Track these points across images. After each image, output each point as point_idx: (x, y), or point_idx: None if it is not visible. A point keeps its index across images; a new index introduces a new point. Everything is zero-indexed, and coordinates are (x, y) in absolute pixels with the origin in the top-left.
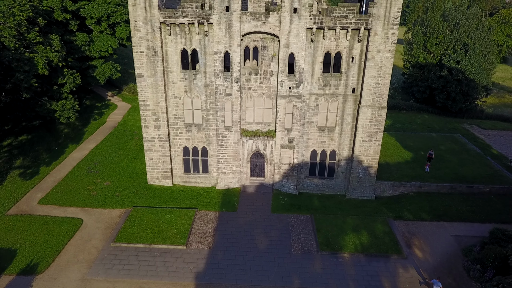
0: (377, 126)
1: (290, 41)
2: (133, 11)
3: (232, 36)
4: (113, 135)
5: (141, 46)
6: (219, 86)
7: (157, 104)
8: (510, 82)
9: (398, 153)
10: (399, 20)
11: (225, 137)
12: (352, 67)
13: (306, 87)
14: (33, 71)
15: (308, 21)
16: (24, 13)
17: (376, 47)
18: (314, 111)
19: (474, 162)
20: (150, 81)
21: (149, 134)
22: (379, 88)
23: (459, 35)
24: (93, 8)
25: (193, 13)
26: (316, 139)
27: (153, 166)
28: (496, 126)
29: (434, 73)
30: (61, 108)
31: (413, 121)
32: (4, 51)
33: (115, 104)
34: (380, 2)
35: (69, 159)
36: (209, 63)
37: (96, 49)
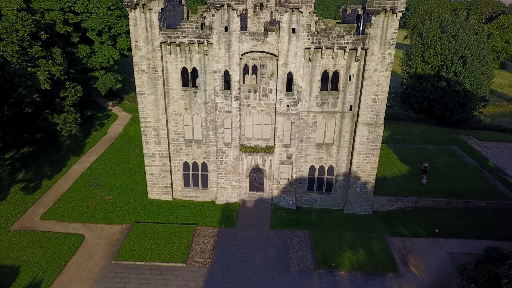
0: (374, 143)
1: (289, 60)
2: (134, 31)
3: (232, 56)
4: (114, 147)
5: (142, 64)
6: (219, 104)
7: (157, 121)
8: (509, 90)
9: (395, 166)
10: (395, 41)
11: (224, 153)
12: (350, 86)
13: (304, 105)
14: (36, 85)
15: (306, 41)
16: (27, 28)
17: (373, 67)
18: (312, 128)
19: (471, 175)
20: (151, 99)
21: (150, 150)
22: (376, 106)
23: (456, 47)
24: (94, 20)
25: (193, 33)
26: (314, 155)
27: (153, 181)
28: (493, 137)
29: (432, 84)
30: (62, 121)
31: (411, 132)
32: (7, 66)
33: (116, 114)
34: (376, 23)
35: (70, 172)
36: (209, 81)
37: (97, 61)
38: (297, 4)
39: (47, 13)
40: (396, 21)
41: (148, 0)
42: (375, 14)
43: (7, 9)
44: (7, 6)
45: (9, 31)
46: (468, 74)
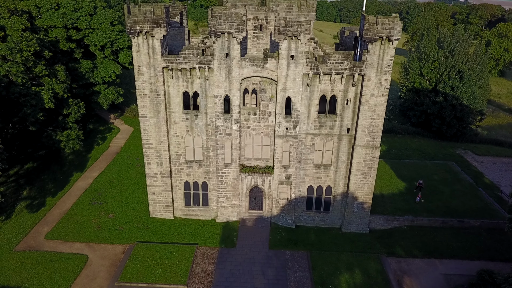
0: (371, 165)
1: (287, 85)
2: (137, 57)
3: (232, 81)
4: (116, 162)
5: (144, 89)
6: (219, 127)
7: (159, 142)
8: (506, 100)
9: (392, 183)
10: (391, 67)
11: (224, 173)
12: (347, 109)
13: (302, 128)
14: (40, 105)
15: (305, 67)
16: (31, 48)
17: (370, 92)
18: (310, 149)
19: (466, 193)
20: (153, 122)
21: (152, 170)
22: (372, 129)
23: (454, 62)
24: (97, 36)
25: (195, 59)
26: (312, 175)
27: (155, 200)
28: (490, 151)
29: (429, 98)
30: (66, 138)
31: (408, 146)
32: (12, 87)
33: (117, 127)
34: (373, 50)
35: (73, 189)
36: (209, 104)
37: (100, 75)
38: (296, 32)
39: (51, 31)
40: (392, 48)
41: (151, 28)
42: (371, 42)
43: (12, 29)
44: (11, 26)
45: (14, 52)
46: (465, 89)
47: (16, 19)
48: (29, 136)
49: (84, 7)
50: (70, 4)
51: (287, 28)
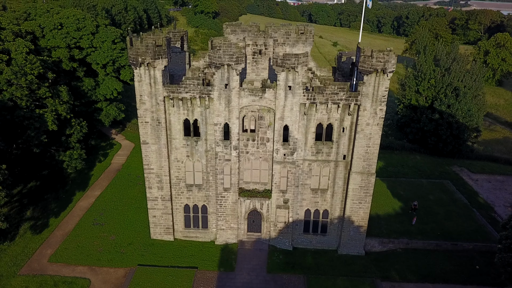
0: (367, 190)
1: (285, 114)
2: (138, 86)
3: (231, 110)
4: (118, 180)
5: (146, 117)
6: (219, 153)
7: (160, 168)
8: (503, 112)
9: (388, 203)
10: (386, 98)
11: (224, 197)
12: (343, 137)
13: (300, 154)
14: (43, 127)
15: (302, 98)
16: (35, 71)
17: (365, 121)
18: (308, 174)
19: (460, 215)
20: (154, 148)
21: (153, 194)
22: (368, 156)
23: (450, 80)
24: (99, 55)
25: (195, 89)
26: (309, 199)
27: (156, 223)
28: (485, 169)
29: (426, 115)
30: (68, 158)
31: (405, 163)
32: (16, 110)
33: (119, 143)
34: (369, 82)
35: (76, 209)
36: (209, 131)
37: (102, 93)
38: (293, 64)
39: (54, 51)
40: (387, 80)
41: (152, 60)
42: (367, 74)
43: (16, 53)
44: (16, 49)
45: (18, 76)
46: (461, 106)
47: (20, 41)
48: (33, 156)
49: (87, 26)
50: (73, 24)
51: (284, 60)
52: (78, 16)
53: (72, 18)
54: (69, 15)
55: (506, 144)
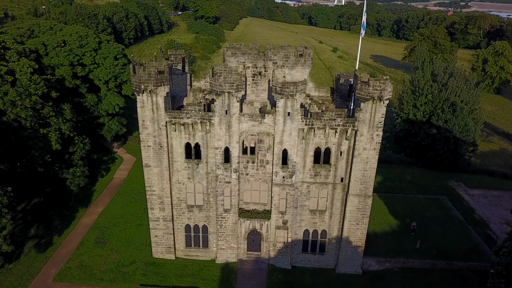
0: (364, 212)
1: (284, 139)
2: (141, 112)
3: (232, 135)
4: (120, 196)
5: (148, 141)
6: (220, 175)
7: (162, 189)
8: (501, 122)
9: (385, 220)
10: (383, 123)
11: (224, 218)
12: (341, 160)
13: (298, 176)
14: (47, 147)
15: (300, 123)
16: (39, 91)
17: (362, 146)
18: (306, 196)
19: (456, 233)
20: (156, 171)
21: (155, 215)
22: (365, 180)
23: (447, 95)
24: (101, 71)
25: (196, 115)
26: (308, 220)
27: (157, 242)
28: (481, 183)
29: (424, 130)
30: (71, 176)
31: (402, 177)
32: (21, 131)
33: (121, 157)
34: (365, 108)
35: (79, 226)
36: (210, 154)
37: (104, 108)
38: (292, 92)
39: (57, 68)
40: (383, 107)
41: (155, 87)
42: (364, 101)
43: (21, 73)
44: (20, 69)
45: (23, 97)
46: (458, 121)
47: (24, 61)
48: (36, 174)
49: (89, 43)
50: (76, 41)
51: (283, 88)
52: (81, 33)
53: (75, 35)
54: (72, 32)
55: (503, 156)
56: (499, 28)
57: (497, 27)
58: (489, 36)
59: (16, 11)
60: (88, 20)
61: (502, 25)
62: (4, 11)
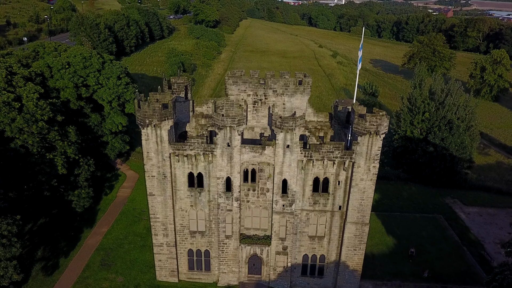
0: (361, 239)
1: (284, 170)
2: (146, 144)
3: (233, 166)
4: (123, 215)
5: (152, 171)
6: (221, 204)
7: (165, 217)
8: (498, 132)
9: (383, 241)
10: (379, 156)
11: (225, 244)
12: (339, 189)
13: (298, 204)
14: (53, 171)
15: (299, 155)
16: (45, 116)
17: (360, 177)
18: (305, 223)
19: (451, 254)
20: (160, 199)
21: (158, 240)
22: (362, 208)
23: (444, 113)
24: (105, 92)
25: (199, 147)
26: (307, 245)
27: (161, 266)
28: (477, 200)
29: (421, 148)
30: (77, 198)
31: (400, 195)
32: (28, 157)
33: (124, 173)
34: (362, 142)
35: (84, 248)
36: (212, 183)
37: (107, 127)
38: (291, 127)
39: (62, 91)
40: (379, 140)
41: (159, 122)
42: (361, 135)
43: (27, 99)
44: (27, 95)
45: (30, 123)
46: (454, 139)
47: (30, 86)
48: (43, 197)
49: (93, 63)
50: (80, 63)
51: (283, 123)
52: (85, 54)
53: (79, 57)
54: (76, 53)
55: (499, 170)
56: (498, 31)
57: (496, 30)
58: (488, 39)
59: (18, 18)
60: (90, 30)
61: (502, 28)
62: (6, 18)
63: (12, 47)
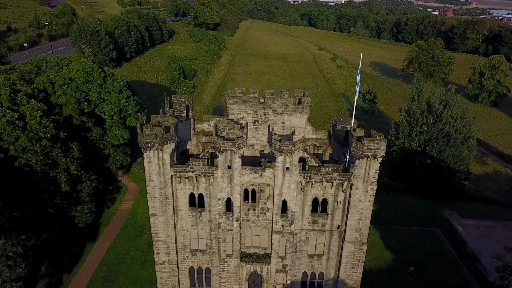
0: (359, 257)
1: (283, 191)
2: (148, 167)
3: (234, 187)
4: (125, 229)
5: (154, 192)
6: (222, 224)
7: (167, 236)
8: (496, 140)
9: (381, 256)
10: (377, 178)
11: (226, 262)
12: (337, 210)
13: (297, 224)
14: (57, 189)
15: (298, 177)
16: (48, 134)
17: (358, 198)
18: (305, 242)
19: (448, 269)
20: (162, 219)
21: (160, 259)
22: (360, 228)
23: (442, 125)
24: (106, 106)
25: (200, 169)
26: (306, 263)
27: (163, 283)
28: (474, 212)
29: (418, 160)
30: (79, 213)
31: (398, 207)
32: (32, 175)
33: (125, 185)
34: (360, 165)
35: (87, 263)
36: (213, 204)
37: (109, 141)
38: (290, 150)
39: (65, 107)
40: (377, 163)
41: (161, 146)
42: (358, 158)
43: (31, 117)
44: (30, 113)
45: (33, 142)
46: (452, 152)
47: (34, 104)
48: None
49: (95, 78)
50: (82, 78)
51: (282, 147)
52: (86, 69)
53: (81, 72)
54: (78, 68)
55: (496, 180)
56: (498, 33)
57: (496, 32)
58: (487, 41)
59: (19, 23)
60: (91, 38)
61: (501, 30)
62: (7, 24)
63: (13, 52)
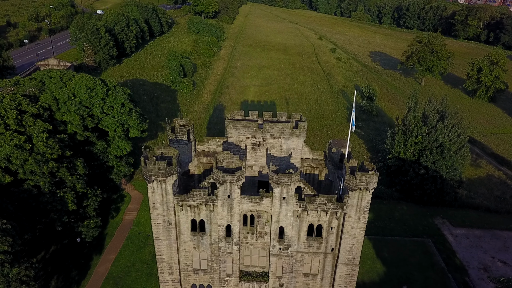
0: (351, 278)
1: (280, 218)
2: (152, 196)
3: (233, 215)
4: (130, 241)
5: (158, 219)
6: (222, 247)
7: (171, 258)
8: (491, 139)
9: (373, 268)
10: (369, 208)
11: (226, 281)
12: (331, 234)
13: (293, 247)
14: (64, 208)
15: (295, 206)
16: (55, 155)
17: (351, 225)
18: (300, 263)
19: (436, 282)
20: (165, 243)
21: (164, 277)
22: (352, 252)
23: (436, 136)
24: (109, 121)
25: (201, 198)
26: (302, 282)
27: None
28: (465, 220)
29: (413, 169)
30: (86, 228)
31: (392, 216)
32: (40, 196)
33: (129, 194)
34: (353, 196)
35: (95, 277)
36: (213, 229)
37: (112, 153)
38: (287, 183)
39: (69, 124)
40: (369, 195)
41: (164, 178)
42: (351, 190)
43: (37, 139)
44: (37, 135)
45: (41, 164)
46: (445, 162)
47: (39, 124)
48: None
49: (98, 93)
50: (85, 94)
51: (279, 179)
52: (89, 84)
53: (84, 87)
54: (81, 84)
55: (489, 185)
56: (499, 20)
57: (498, 19)
58: (489, 27)
59: (18, 16)
60: (91, 36)
61: (503, 17)
62: (7, 18)
63: (14, 48)
